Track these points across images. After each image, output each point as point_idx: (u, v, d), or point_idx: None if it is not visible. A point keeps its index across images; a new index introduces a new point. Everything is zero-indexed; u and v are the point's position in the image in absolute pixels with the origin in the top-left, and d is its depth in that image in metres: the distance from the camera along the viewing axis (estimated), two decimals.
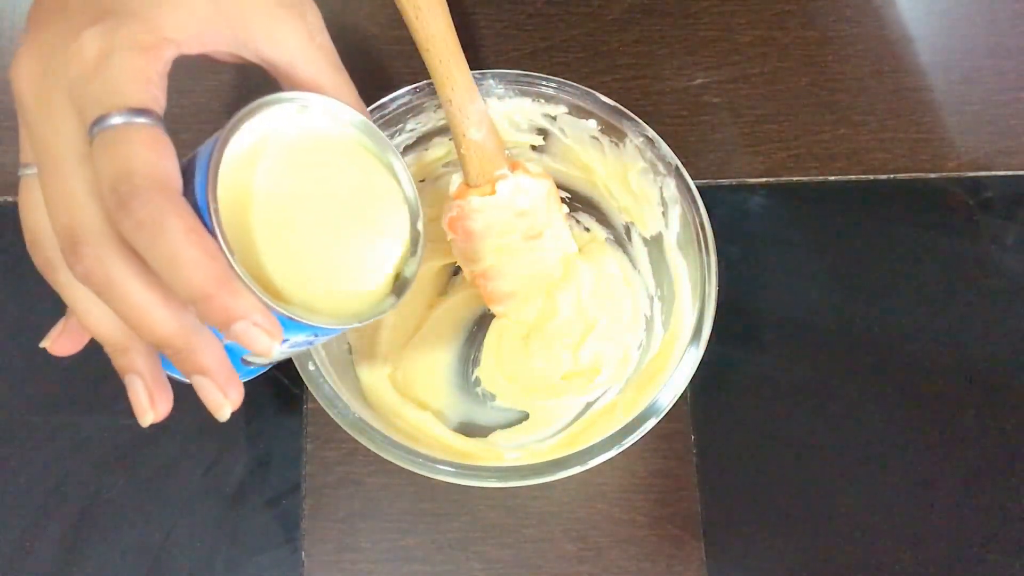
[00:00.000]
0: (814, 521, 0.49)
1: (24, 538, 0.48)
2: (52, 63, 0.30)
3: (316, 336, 0.33)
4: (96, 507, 0.49)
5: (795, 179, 0.55)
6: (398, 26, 0.43)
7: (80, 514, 0.49)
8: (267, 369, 0.35)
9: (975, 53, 0.57)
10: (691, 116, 0.56)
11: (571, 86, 0.45)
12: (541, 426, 0.49)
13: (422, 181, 0.50)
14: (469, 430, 0.49)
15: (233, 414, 0.31)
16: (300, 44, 0.33)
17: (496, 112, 0.46)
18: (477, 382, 0.51)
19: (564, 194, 0.50)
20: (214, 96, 0.56)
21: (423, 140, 0.47)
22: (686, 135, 0.55)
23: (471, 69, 0.44)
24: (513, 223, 0.47)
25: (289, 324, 0.30)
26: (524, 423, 0.49)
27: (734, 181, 0.55)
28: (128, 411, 0.51)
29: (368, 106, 0.45)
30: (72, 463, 0.50)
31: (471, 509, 0.49)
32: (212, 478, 0.50)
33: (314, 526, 0.49)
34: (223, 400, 0.30)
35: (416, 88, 0.45)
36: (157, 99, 0.29)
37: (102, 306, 0.30)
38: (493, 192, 0.46)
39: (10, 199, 0.54)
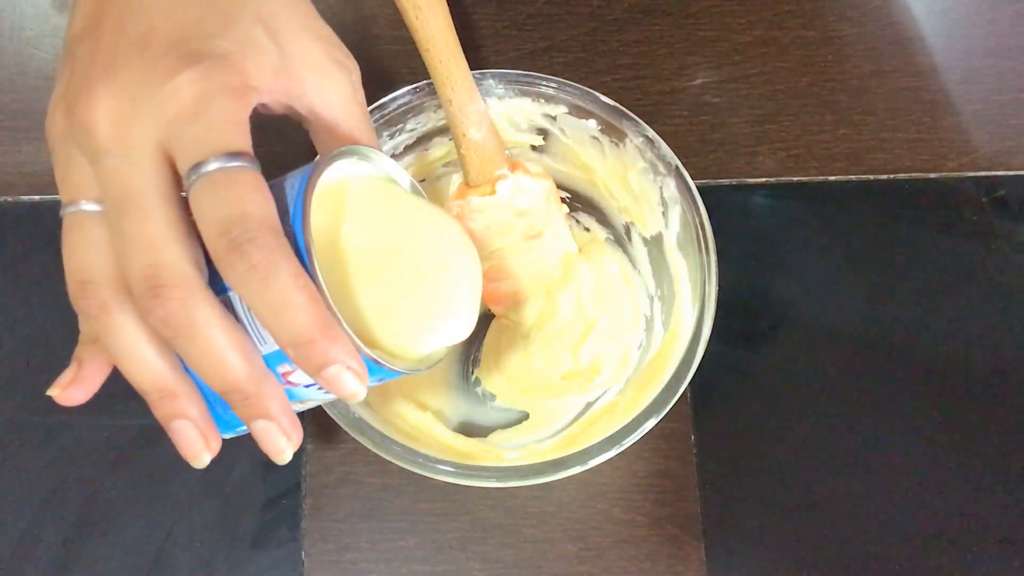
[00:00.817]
0: (814, 521, 0.49)
1: (24, 538, 0.48)
2: (140, 104, 0.29)
3: (383, 380, 0.33)
4: (96, 507, 0.49)
5: (795, 179, 0.55)
6: (398, 26, 0.43)
7: (80, 514, 0.49)
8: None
9: (975, 53, 0.58)
10: (691, 116, 0.56)
11: (571, 86, 0.45)
12: (541, 426, 0.49)
13: (422, 181, 0.50)
14: (469, 430, 0.49)
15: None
16: (344, 100, 0.34)
17: (496, 112, 0.46)
18: (477, 382, 0.51)
19: (564, 194, 0.50)
20: None
21: (423, 140, 0.47)
22: (686, 135, 0.55)
23: (471, 69, 0.44)
24: (513, 223, 0.47)
25: (372, 368, 0.31)
26: (524, 423, 0.49)
27: (734, 181, 0.55)
28: (128, 411, 0.51)
29: (368, 106, 0.45)
30: (72, 463, 0.50)
31: (471, 509, 0.49)
32: (212, 478, 0.50)
33: (314, 526, 0.49)
34: (286, 444, 0.31)
35: (416, 88, 0.45)
36: (249, 140, 0.30)
37: (150, 353, 0.31)
38: (493, 192, 0.46)
39: (9, 199, 0.54)
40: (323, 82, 0.33)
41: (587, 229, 0.52)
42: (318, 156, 0.32)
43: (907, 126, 0.56)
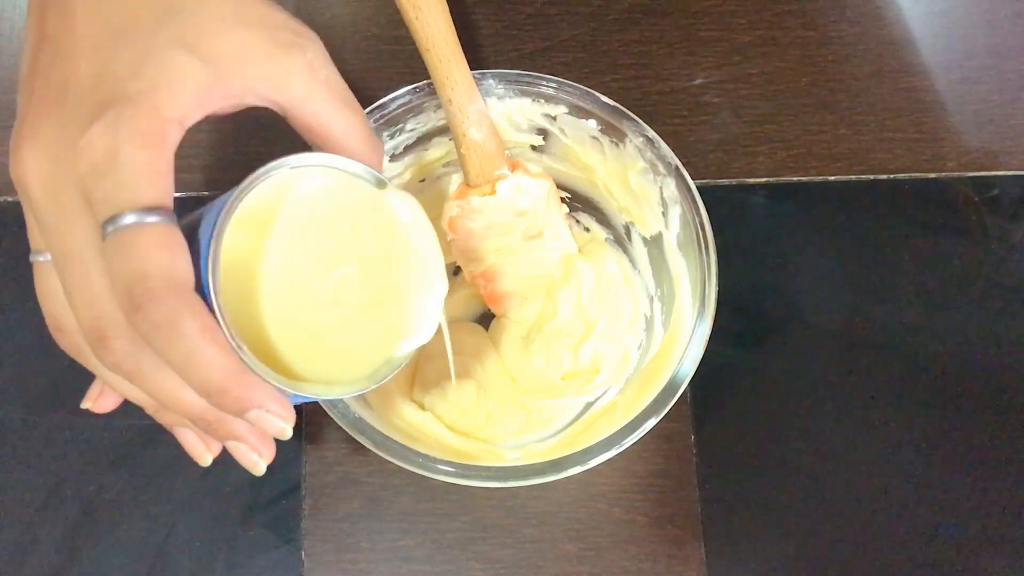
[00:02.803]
0: (814, 521, 0.49)
1: (24, 538, 0.48)
2: (59, 159, 0.30)
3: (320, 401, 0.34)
4: (96, 507, 0.49)
5: (795, 179, 0.55)
6: (398, 26, 0.43)
7: (80, 514, 0.49)
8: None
9: (975, 53, 0.58)
10: (691, 116, 0.56)
11: (571, 86, 0.45)
12: (541, 426, 0.49)
13: (422, 181, 0.50)
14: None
15: None
16: (303, 82, 0.32)
17: (496, 112, 0.46)
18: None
19: (564, 194, 0.50)
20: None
21: (423, 140, 0.47)
22: (686, 135, 0.55)
23: (471, 69, 0.44)
24: (513, 223, 0.47)
25: (298, 399, 0.31)
26: (524, 423, 0.49)
27: (734, 181, 0.55)
28: (128, 411, 0.51)
29: (368, 106, 0.45)
30: (72, 463, 0.50)
31: (471, 509, 0.49)
32: (212, 478, 0.50)
33: (314, 526, 0.49)
34: (257, 459, 0.33)
35: (416, 88, 0.45)
36: (167, 191, 0.29)
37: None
38: (493, 192, 0.46)
39: (9, 199, 0.54)
40: (272, 70, 0.32)
41: (587, 229, 0.52)
42: (251, 174, 0.31)
43: (907, 126, 0.56)
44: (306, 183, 0.32)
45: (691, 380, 0.41)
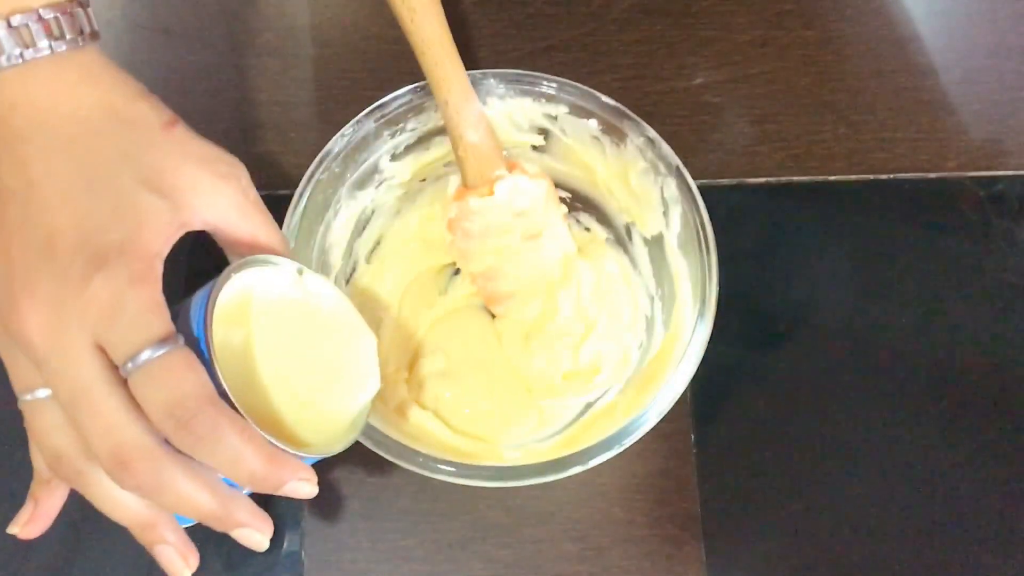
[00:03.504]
0: (814, 521, 0.49)
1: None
2: (64, 313, 0.32)
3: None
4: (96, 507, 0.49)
5: (795, 179, 0.55)
6: (398, 26, 0.43)
7: (80, 514, 0.49)
8: None
9: (975, 53, 0.58)
10: (691, 116, 0.56)
11: (572, 86, 0.45)
12: (541, 426, 0.49)
13: (423, 181, 0.50)
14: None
15: None
16: (239, 204, 0.37)
17: (497, 112, 0.46)
18: None
19: (565, 194, 0.50)
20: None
21: (424, 140, 0.47)
22: (686, 135, 0.55)
23: (471, 69, 0.44)
24: (512, 224, 0.47)
25: (311, 460, 0.37)
26: (524, 423, 0.49)
27: (734, 181, 0.55)
28: None
29: (368, 106, 0.45)
30: None
31: (471, 509, 0.49)
32: None
33: (314, 526, 0.49)
34: (261, 538, 0.36)
35: (416, 88, 0.45)
36: (168, 320, 0.33)
37: (128, 498, 0.35)
38: (491, 193, 0.46)
39: None
40: (213, 198, 0.36)
41: (587, 229, 0.52)
42: (222, 272, 0.35)
43: (907, 126, 0.56)
44: (253, 280, 0.37)
45: (691, 380, 0.41)
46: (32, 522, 0.39)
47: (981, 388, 0.51)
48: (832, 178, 0.55)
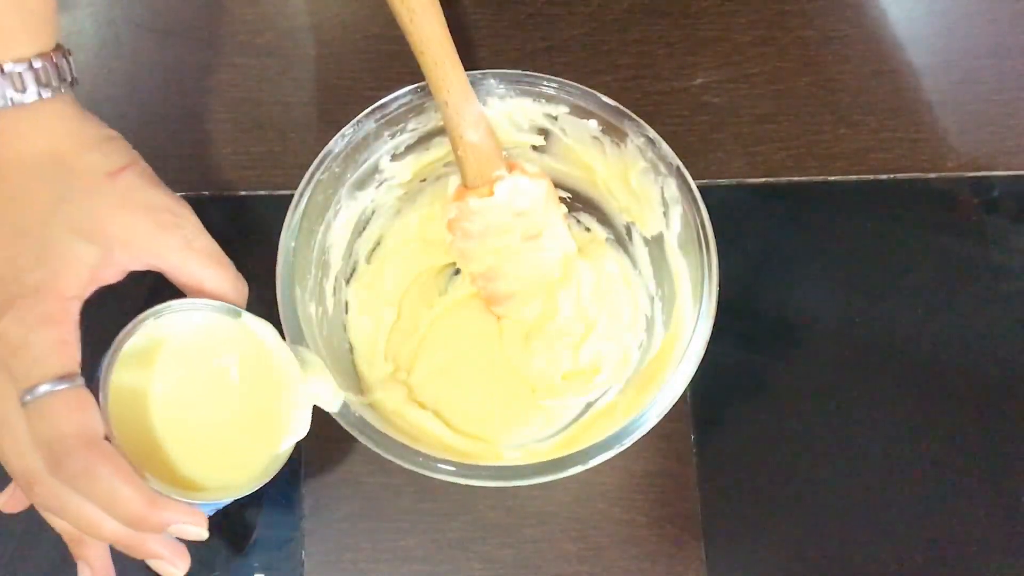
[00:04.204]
0: (814, 521, 0.49)
1: (24, 538, 0.48)
2: None
3: (228, 503, 0.40)
4: None
5: (795, 179, 0.55)
6: (398, 26, 0.43)
7: None
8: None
9: (975, 53, 0.58)
10: (691, 116, 0.56)
11: (572, 86, 0.45)
12: (541, 426, 0.49)
13: (423, 181, 0.50)
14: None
15: None
16: (180, 252, 0.38)
17: (497, 112, 0.46)
18: None
19: (565, 194, 0.50)
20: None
21: (424, 140, 0.47)
22: (686, 135, 0.55)
23: (471, 69, 0.44)
24: (512, 224, 0.47)
25: (205, 506, 0.37)
26: (524, 423, 0.49)
27: (734, 181, 0.55)
28: None
29: (368, 106, 0.45)
30: None
31: (471, 509, 0.49)
32: None
33: (314, 526, 0.49)
34: (174, 571, 0.38)
35: (417, 88, 0.45)
36: (74, 359, 0.35)
37: (99, 519, 0.36)
38: (491, 193, 0.46)
39: None
40: (155, 247, 0.38)
41: (588, 229, 0.52)
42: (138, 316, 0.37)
43: (907, 126, 0.56)
44: (178, 323, 0.38)
45: (691, 380, 0.41)
46: (13, 498, 0.40)
47: (982, 388, 0.51)
48: (832, 178, 0.55)
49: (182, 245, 0.38)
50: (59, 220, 0.36)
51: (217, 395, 0.39)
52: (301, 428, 0.39)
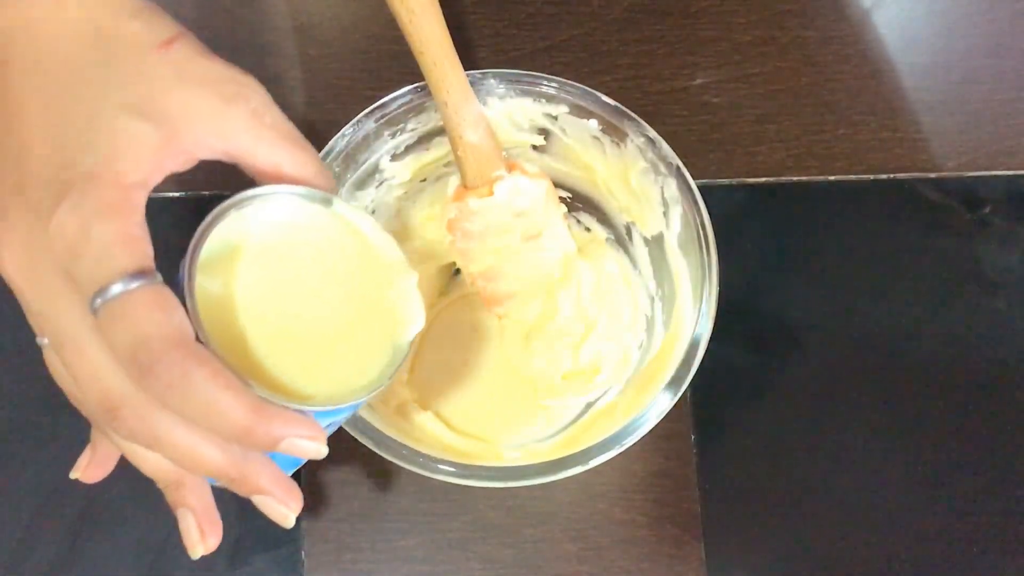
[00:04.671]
0: (814, 521, 0.49)
1: (24, 538, 0.48)
2: (33, 247, 0.30)
3: (347, 415, 0.35)
4: (96, 507, 0.49)
5: (795, 179, 0.55)
6: (398, 26, 0.43)
7: (80, 514, 0.49)
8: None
9: (975, 53, 0.58)
10: (691, 116, 0.56)
11: (572, 86, 0.45)
12: (541, 426, 0.49)
13: (423, 181, 0.50)
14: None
15: None
16: (250, 131, 0.33)
17: (497, 112, 0.46)
18: None
19: (565, 194, 0.50)
20: None
21: (424, 140, 0.47)
22: (686, 135, 0.55)
23: (471, 69, 0.44)
24: (511, 224, 0.47)
25: (321, 415, 0.32)
26: (525, 423, 0.49)
27: (734, 181, 0.55)
28: None
29: (368, 106, 0.45)
30: (72, 463, 0.50)
31: (471, 509, 0.49)
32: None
33: (314, 526, 0.49)
34: (287, 511, 0.33)
35: (417, 88, 0.45)
36: (145, 254, 0.29)
37: (148, 452, 0.32)
38: (491, 194, 0.46)
39: None
40: (219, 124, 0.32)
41: (588, 229, 0.52)
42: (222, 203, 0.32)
43: (907, 126, 0.56)
44: (262, 215, 0.33)
45: (691, 380, 0.41)
46: (92, 466, 0.37)
47: (983, 389, 0.51)
48: (832, 178, 0.55)
49: (251, 121, 0.33)
50: (110, 98, 0.31)
51: (317, 293, 0.34)
52: (418, 318, 0.35)
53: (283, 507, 0.33)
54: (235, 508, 0.49)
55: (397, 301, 0.35)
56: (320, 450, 0.30)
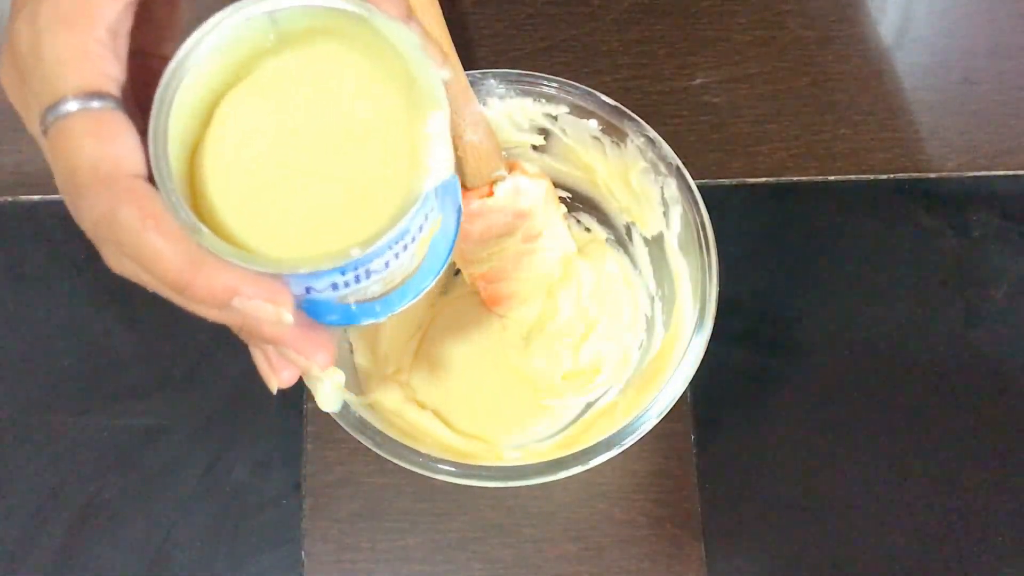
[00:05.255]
0: (814, 521, 0.49)
1: (24, 538, 0.48)
2: (13, 65, 0.28)
3: (351, 275, 0.27)
4: (96, 507, 0.49)
5: (795, 179, 0.55)
6: None
7: (80, 514, 0.49)
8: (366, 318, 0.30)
9: (975, 53, 0.58)
10: (691, 116, 0.56)
11: (572, 86, 0.45)
12: (541, 426, 0.49)
13: None
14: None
15: (234, 413, 0.30)
16: None
17: (497, 112, 0.46)
18: None
19: (565, 194, 0.50)
20: None
21: None
22: (686, 135, 0.55)
23: (471, 69, 0.44)
24: (512, 224, 0.47)
25: (295, 279, 0.27)
26: (525, 423, 0.49)
27: (734, 181, 0.55)
28: (128, 411, 0.51)
29: None
30: (72, 463, 0.50)
31: (471, 509, 0.49)
32: (212, 478, 0.49)
33: (314, 526, 0.49)
34: (306, 363, 0.29)
35: None
36: (101, 72, 0.26)
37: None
38: (491, 194, 0.46)
39: (9, 199, 0.54)
40: None
41: (588, 229, 0.52)
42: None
43: (907, 126, 0.56)
44: (284, 22, 0.28)
45: (691, 380, 0.41)
46: (277, 369, 0.31)
47: (983, 389, 0.51)
48: (832, 178, 0.55)
49: None
50: None
51: (327, 130, 0.28)
52: (442, 166, 0.28)
53: (302, 358, 0.29)
54: (236, 509, 0.49)
55: (422, 142, 0.28)
56: (279, 315, 0.26)
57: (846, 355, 0.52)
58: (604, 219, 0.51)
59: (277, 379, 0.31)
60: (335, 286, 0.28)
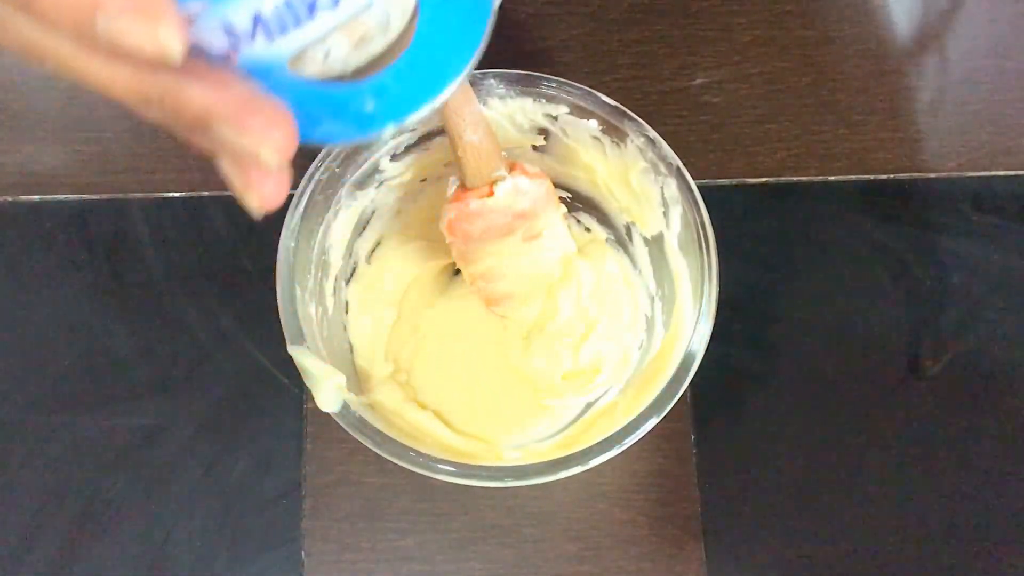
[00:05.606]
0: (814, 521, 0.49)
1: (24, 538, 0.48)
2: None
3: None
4: (96, 507, 0.49)
5: (795, 179, 0.55)
6: None
7: (80, 514, 0.49)
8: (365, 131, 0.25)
9: (975, 53, 0.58)
10: (691, 116, 0.56)
11: (572, 86, 0.45)
12: (541, 426, 0.49)
13: (423, 181, 0.50)
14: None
15: (234, 413, 0.30)
16: None
17: (497, 112, 0.46)
18: None
19: (565, 194, 0.50)
20: None
21: (424, 140, 0.47)
22: (686, 135, 0.55)
23: None
24: (512, 224, 0.47)
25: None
26: (525, 423, 0.49)
27: (734, 181, 0.55)
28: (128, 411, 0.51)
29: None
30: (72, 463, 0.50)
31: (471, 509, 0.49)
32: (212, 478, 0.50)
33: (314, 526, 0.49)
34: (269, 153, 0.23)
35: None
36: None
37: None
38: (491, 194, 0.46)
39: (9, 199, 0.54)
40: None
41: (588, 229, 0.52)
42: None
43: (907, 126, 0.56)
44: None
45: (691, 380, 0.41)
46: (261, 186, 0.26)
47: (983, 388, 0.51)
48: (832, 178, 0.55)
49: None
50: None
51: None
52: None
53: (249, 137, 0.23)
54: (236, 509, 0.49)
55: None
56: (156, 37, 0.20)
57: (847, 355, 0.52)
58: (604, 219, 0.51)
59: (257, 193, 0.25)
60: (265, 28, 0.22)
